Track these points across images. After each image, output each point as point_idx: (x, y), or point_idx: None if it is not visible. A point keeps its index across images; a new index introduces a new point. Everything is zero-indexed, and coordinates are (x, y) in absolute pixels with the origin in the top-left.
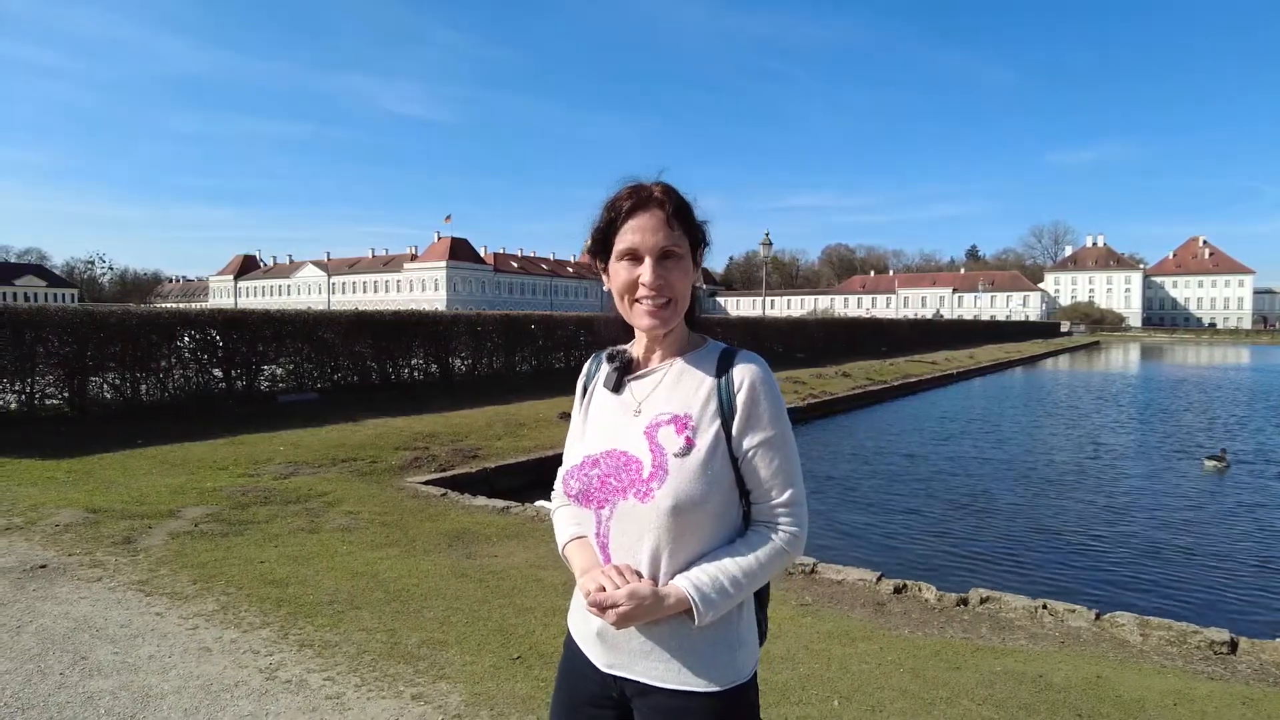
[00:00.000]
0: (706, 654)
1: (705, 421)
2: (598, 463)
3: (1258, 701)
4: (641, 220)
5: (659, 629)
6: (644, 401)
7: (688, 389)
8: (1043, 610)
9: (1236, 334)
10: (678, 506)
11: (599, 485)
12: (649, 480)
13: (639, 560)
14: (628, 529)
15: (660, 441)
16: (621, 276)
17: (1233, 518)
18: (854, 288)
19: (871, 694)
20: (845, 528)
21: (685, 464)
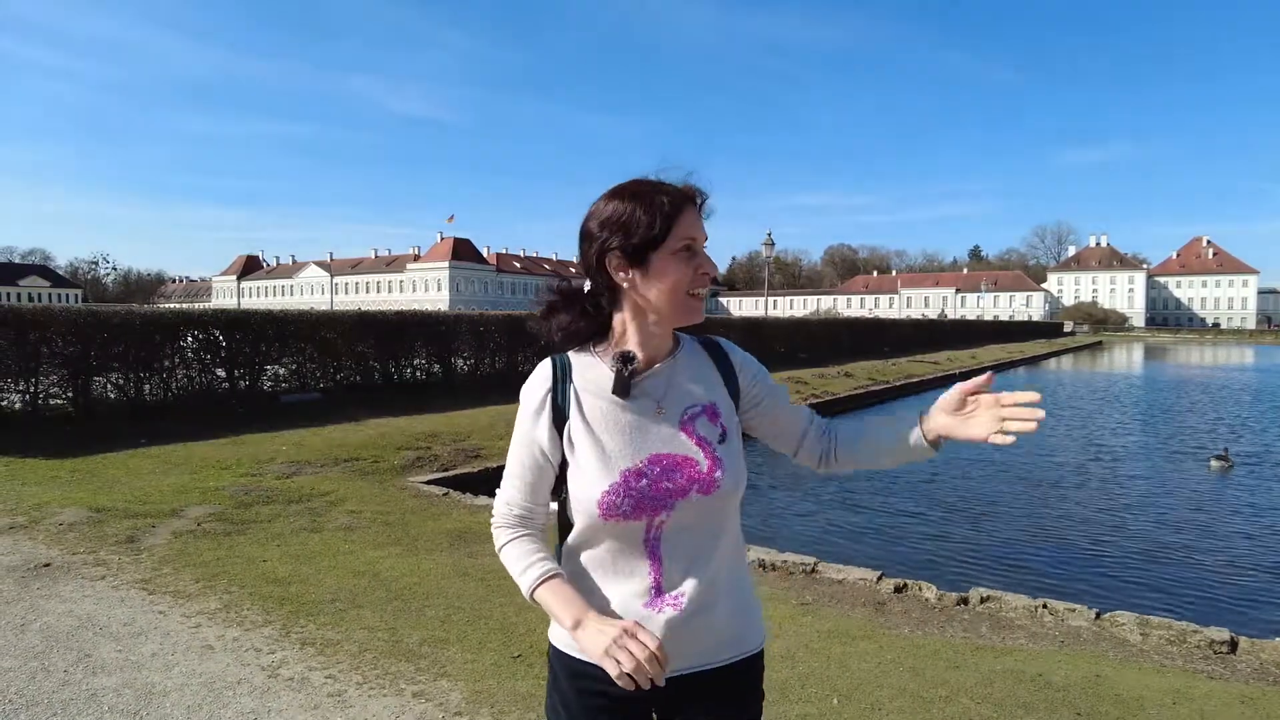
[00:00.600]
0: (749, 616)
1: (727, 407)
2: (643, 473)
3: (1257, 700)
4: (694, 214)
5: (717, 608)
6: (663, 400)
7: (704, 378)
8: (1043, 610)
9: (1240, 334)
10: (735, 490)
11: (653, 492)
12: (710, 473)
13: (702, 551)
14: (691, 525)
15: (701, 433)
16: (681, 269)
17: (1235, 518)
18: (857, 288)
19: (870, 692)
20: (847, 528)
21: (729, 450)
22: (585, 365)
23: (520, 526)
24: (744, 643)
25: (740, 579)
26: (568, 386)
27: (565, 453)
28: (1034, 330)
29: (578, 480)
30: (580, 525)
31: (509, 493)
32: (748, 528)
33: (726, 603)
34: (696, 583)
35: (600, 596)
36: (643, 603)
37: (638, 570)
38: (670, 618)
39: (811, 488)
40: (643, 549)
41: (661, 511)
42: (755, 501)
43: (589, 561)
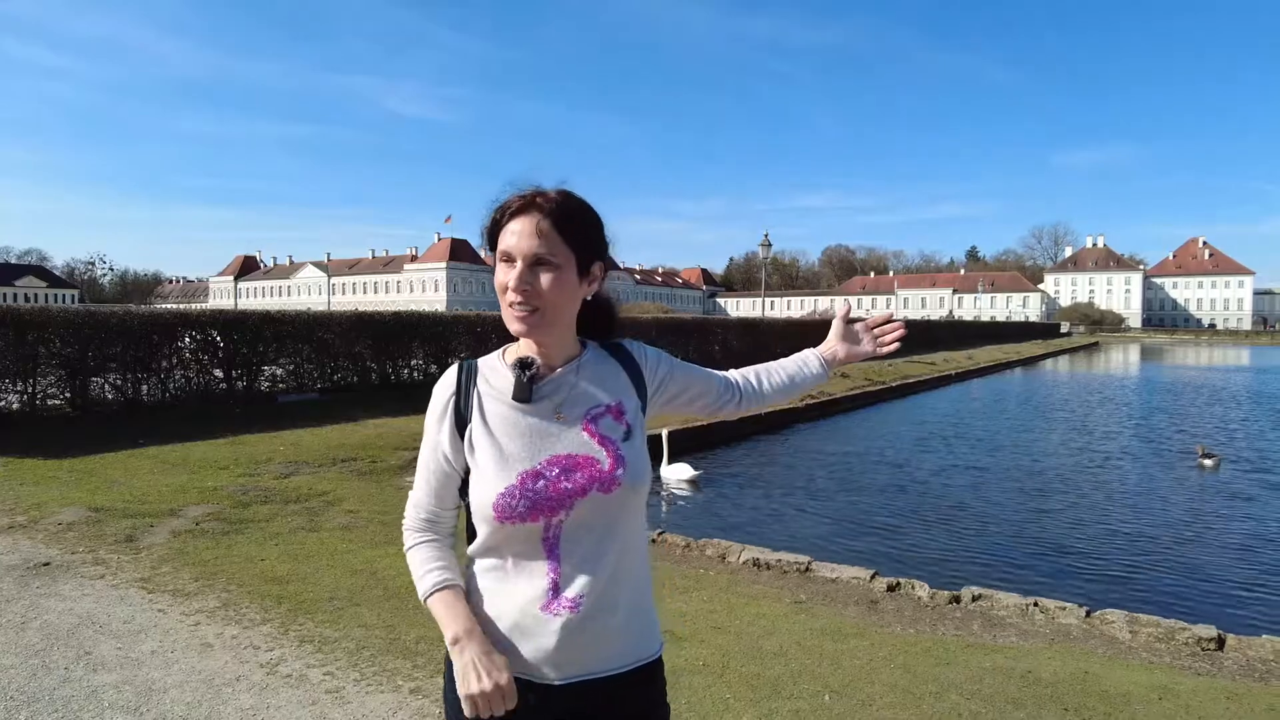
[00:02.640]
0: (648, 620)
1: (633, 406)
2: (540, 474)
3: (1241, 697)
4: (521, 224)
5: (617, 611)
6: (563, 404)
7: (609, 380)
8: (1034, 608)
9: (1236, 335)
10: (636, 488)
11: (551, 493)
12: (611, 470)
13: (602, 551)
14: (591, 524)
15: (604, 433)
16: (498, 277)
17: (1226, 516)
18: (854, 289)
19: (862, 688)
20: (842, 526)
21: (633, 447)
22: (490, 370)
23: (426, 531)
24: (643, 649)
25: (641, 582)
26: (471, 391)
27: (467, 457)
28: (1031, 331)
29: (477, 484)
30: (480, 529)
31: (417, 495)
32: (745, 527)
33: (626, 605)
34: (595, 583)
35: (501, 600)
36: (540, 605)
37: (536, 571)
38: (567, 620)
39: (808, 485)
40: (542, 549)
41: (560, 511)
42: (750, 501)
43: (490, 565)
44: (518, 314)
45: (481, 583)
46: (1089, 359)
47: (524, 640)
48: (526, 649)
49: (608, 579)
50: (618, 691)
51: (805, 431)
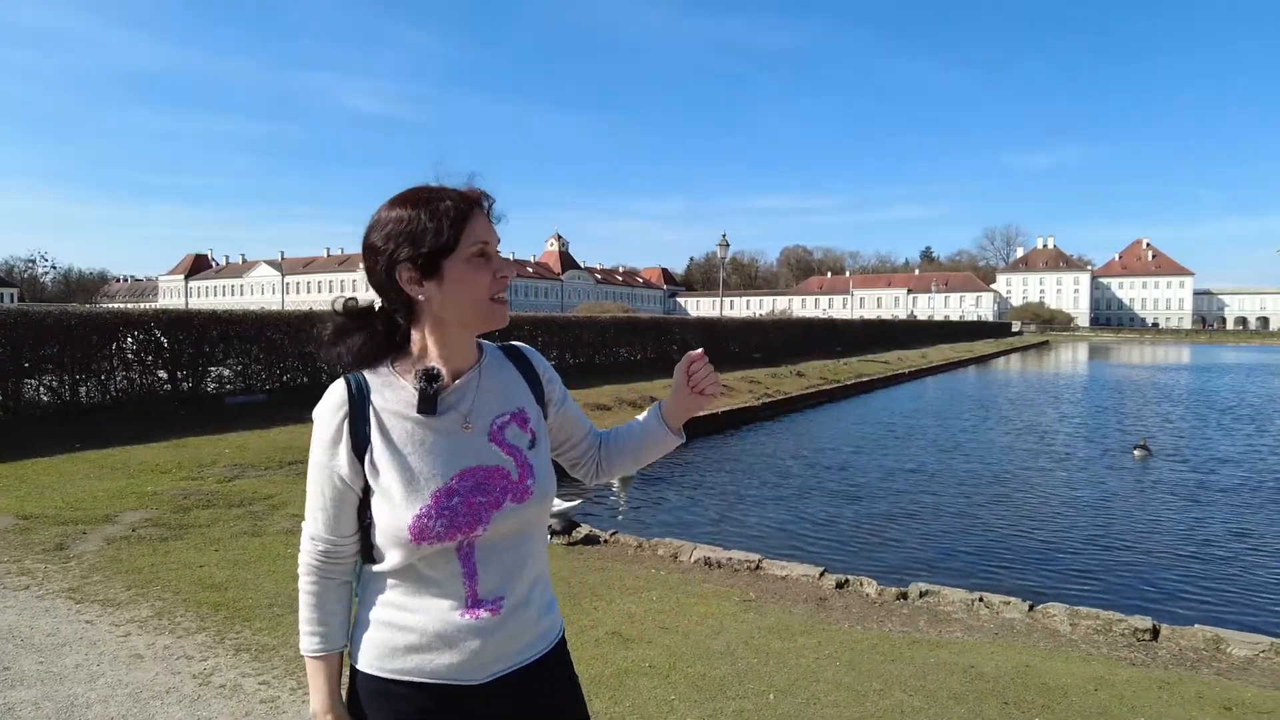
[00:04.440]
0: (553, 601)
1: (535, 412)
2: (454, 491)
3: (1173, 685)
4: (482, 218)
5: (531, 606)
6: (470, 412)
7: (510, 385)
8: (979, 603)
9: (1177, 334)
10: (546, 496)
11: (466, 509)
12: (522, 480)
13: (517, 558)
14: (506, 534)
15: (511, 441)
16: (478, 275)
17: (1164, 510)
18: (811, 289)
19: (807, 687)
20: (795, 524)
21: (538, 455)
22: (383, 384)
23: (325, 569)
24: (553, 629)
25: (545, 574)
26: (366, 409)
27: (369, 480)
28: (983, 330)
29: (384, 508)
30: (392, 554)
31: (313, 527)
32: (699, 526)
33: (538, 599)
34: (513, 585)
35: (416, 613)
36: (460, 612)
37: (452, 584)
38: (488, 623)
39: (761, 483)
40: (457, 563)
41: (478, 527)
42: (705, 500)
43: (399, 583)
44: (503, 306)
45: (392, 598)
46: (1039, 357)
47: (446, 648)
48: (449, 656)
49: (522, 580)
50: (537, 671)
51: (760, 430)
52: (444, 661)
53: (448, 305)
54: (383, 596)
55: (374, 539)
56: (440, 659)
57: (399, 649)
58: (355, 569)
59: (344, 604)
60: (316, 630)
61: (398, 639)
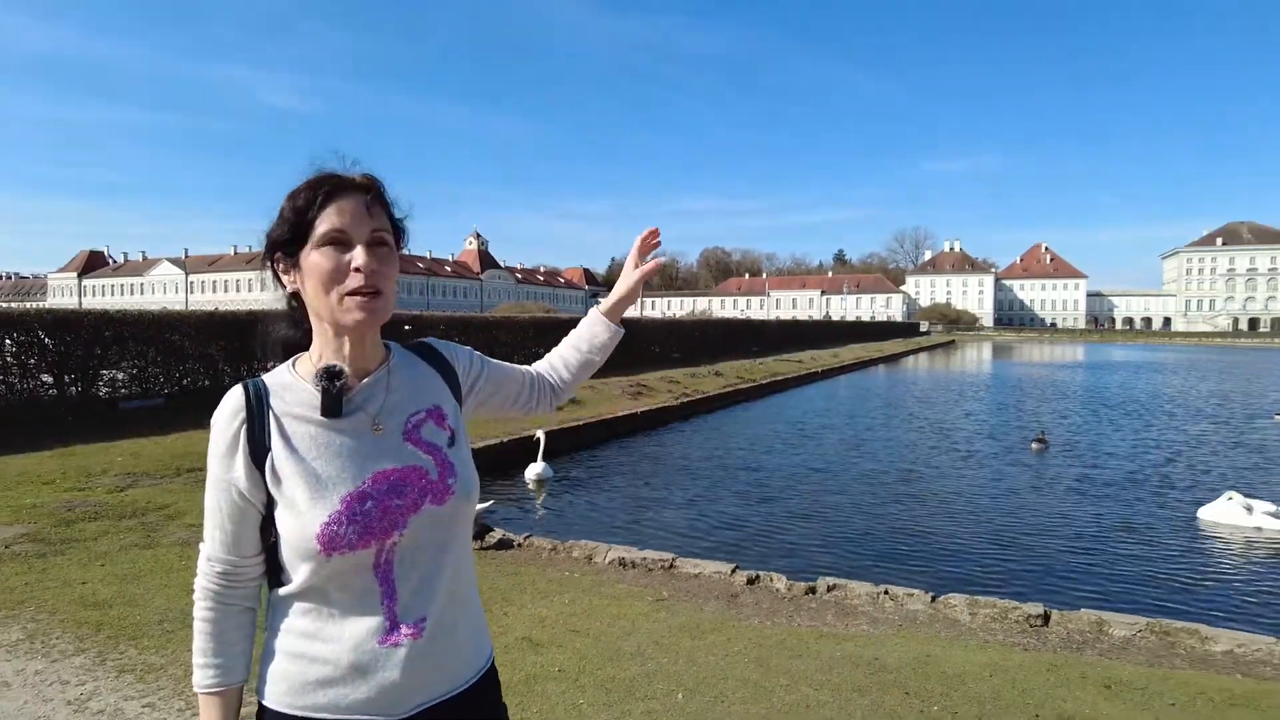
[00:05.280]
0: (482, 625)
1: (452, 408)
2: (367, 495)
3: (1060, 668)
4: (347, 203)
5: (459, 626)
6: (380, 413)
7: (423, 382)
8: (884, 595)
9: (1073, 333)
10: (469, 496)
11: (381, 513)
12: (442, 479)
13: (440, 568)
14: (426, 541)
15: (428, 439)
16: (326, 265)
17: (1057, 501)
18: (730, 289)
19: (715, 685)
20: (709, 523)
21: (459, 454)
22: (284, 387)
23: (223, 594)
24: (481, 657)
25: (473, 589)
26: (265, 414)
27: (271, 490)
28: (893, 330)
29: (289, 518)
30: (299, 569)
31: (210, 547)
32: (616, 528)
33: (465, 618)
34: (436, 604)
35: (328, 643)
36: (378, 639)
37: (369, 603)
38: (410, 649)
39: (679, 483)
40: (373, 578)
41: (393, 533)
42: (622, 501)
43: (310, 606)
44: (363, 301)
45: (301, 626)
46: (946, 356)
47: (362, 680)
48: (365, 689)
49: (447, 598)
50: (462, 707)
51: (677, 430)
52: (360, 696)
53: (309, 298)
54: (291, 624)
55: (280, 557)
56: (356, 693)
57: (310, 683)
58: (259, 594)
59: (245, 633)
60: (212, 662)
61: (309, 672)
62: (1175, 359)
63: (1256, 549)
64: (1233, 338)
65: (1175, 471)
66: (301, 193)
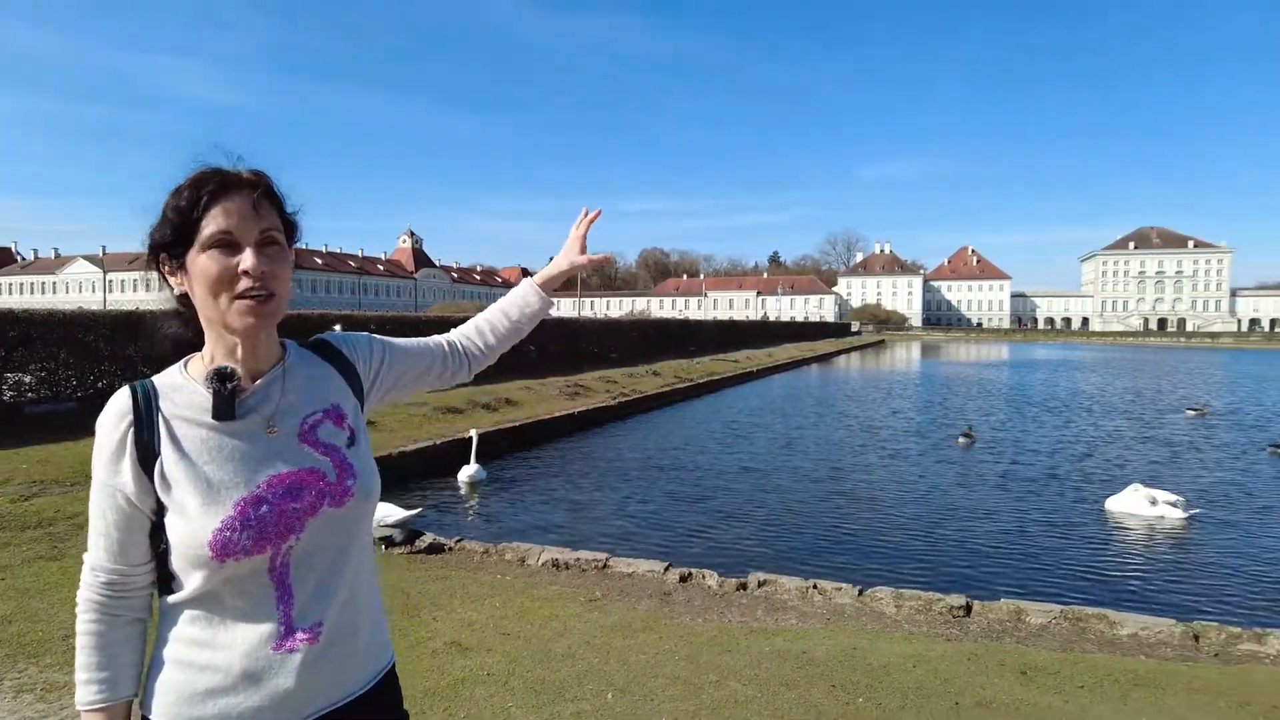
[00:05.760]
0: (383, 629)
1: (352, 407)
2: (262, 499)
3: (980, 656)
4: (234, 203)
5: (358, 630)
6: (275, 414)
7: (320, 381)
8: (813, 590)
9: (998, 333)
10: (369, 497)
11: (276, 517)
12: (341, 481)
13: (338, 571)
14: (324, 544)
15: (325, 440)
16: (214, 270)
17: (981, 495)
18: (668, 290)
19: (645, 683)
20: (645, 522)
21: (359, 454)
22: (174, 389)
23: (109, 605)
24: (380, 660)
25: (374, 594)
26: (154, 417)
27: (160, 496)
28: (826, 330)
29: (180, 525)
30: (191, 577)
31: (95, 556)
32: (550, 529)
33: (365, 621)
34: (333, 607)
35: (219, 651)
36: (272, 645)
37: (262, 609)
38: (305, 654)
39: (614, 486)
40: (269, 582)
41: (290, 537)
42: (557, 502)
43: (200, 613)
44: (253, 303)
45: (190, 634)
46: (876, 356)
47: (256, 688)
48: (258, 697)
49: (345, 601)
50: (361, 712)
51: (615, 430)
52: (253, 704)
53: (197, 300)
54: (181, 632)
55: (170, 564)
56: (249, 701)
57: (199, 693)
58: (149, 604)
59: (134, 646)
60: (96, 677)
61: (198, 681)
62: (1093, 358)
63: (1160, 537)
64: (1144, 337)
65: (1091, 466)
66: (185, 192)
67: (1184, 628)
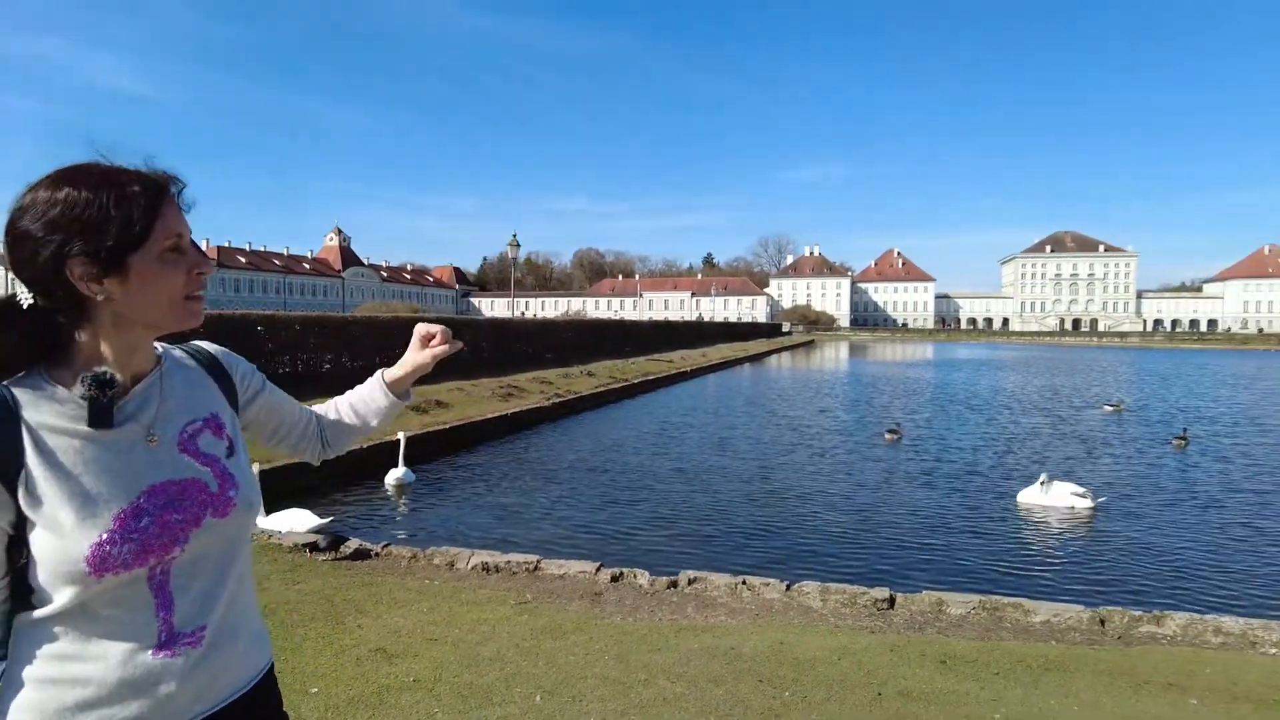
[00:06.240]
0: (262, 629)
1: (230, 417)
2: (142, 511)
3: (903, 648)
4: (174, 206)
5: (239, 633)
6: (154, 422)
7: (198, 388)
8: (742, 586)
9: (923, 333)
10: (251, 507)
11: (158, 529)
12: (223, 491)
13: (220, 579)
14: (206, 554)
15: (206, 450)
16: (176, 275)
17: (906, 491)
18: (604, 290)
19: (574, 685)
20: (578, 523)
21: (239, 464)
22: (38, 396)
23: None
24: (260, 659)
25: (252, 595)
26: (17, 429)
27: (25, 510)
28: (758, 331)
29: (50, 540)
30: (60, 593)
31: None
32: (482, 532)
33: (245, 623)
34: (216, 611)
35: (91, 663)
36: (151, 651)
37: (139, 621)
38: (187, 659)
39: (548, 487)
40: (147, 593)
41: (174, 548)
42: (490, 505)
43: (68, 628)
44: (199, 306)
45: (59, 648)
46: (806, 355)
47: (133, 697)
48: (136, 706)
49: (228, 605)
50: (244, 710)
51: (549, 431)
52: (130, 713)
53: (134, 305)
54: (45, 649)
55: (33, 579)
56: (126, 711)
57: (68, 708)
58: (3, 621)
59: None
60: None
61: (67, 696)
62: (1013, 357)
63: (1072, 527)
64: (1060, 336)
65: (1012, 462)
66: (135, 194)
67: (1091, 613)
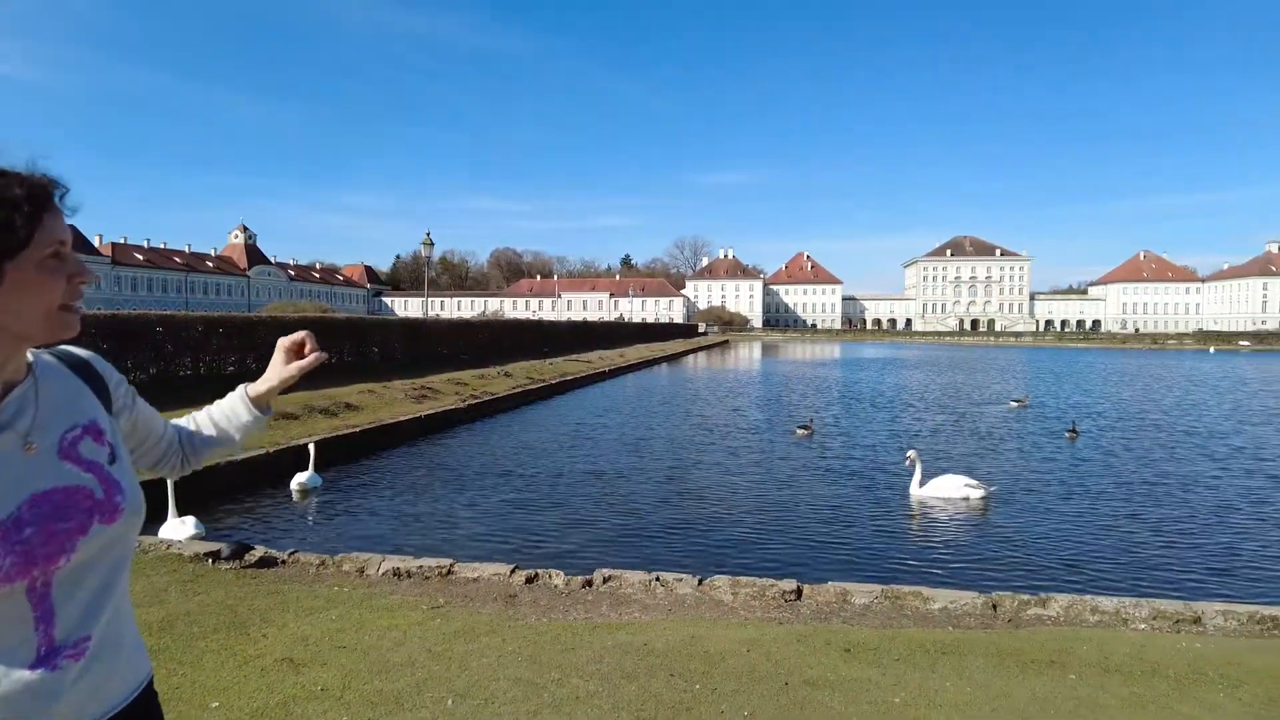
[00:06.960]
0: (139, 640)
1: (108, 423)
2: (23, 522)
3: (809, 638)
4: (56, 212)
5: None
6: (31, 430)
7: (74, 395)
8: (655, 582)
9: (831, 333)
10: (139, 512)
11: (44, 540)
12: (109, 498)
13: (106, 587)
14: (94, 562)
15: (88, 457)
16: (53, 282)
17: (814, 486)
18: (522, 291)
19: (487, 687)
20: (493, 525)
21: (122, 470)
22: None
23: None
24: (142, 669)
25: (129, 605)
26: None
27: None
28: (675, 331)
29: None
30: None
31: None
32: (393, 536)
33: (127, 633)
34: (101, 622)
35: None
36: (29, 663)
37: (17, 635)
38: (68, 671)
39: (462, 490)
40: (26, 605)
41: (60, 558)
42: (401, 509)
43: None
44: (75, 317)
45: None
46: (721, 355)
47: (11, 713)
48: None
49: (112, 614)
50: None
51: (464, 433)
52: None
53: (7, 314)
54: None
55: None
56: None
57: None
58: None
59: None
60: None
61: None
62: (916, 356)
63: (964, 516)
64: (959, 336)
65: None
66: (17, 199)
67: (985, 598)
